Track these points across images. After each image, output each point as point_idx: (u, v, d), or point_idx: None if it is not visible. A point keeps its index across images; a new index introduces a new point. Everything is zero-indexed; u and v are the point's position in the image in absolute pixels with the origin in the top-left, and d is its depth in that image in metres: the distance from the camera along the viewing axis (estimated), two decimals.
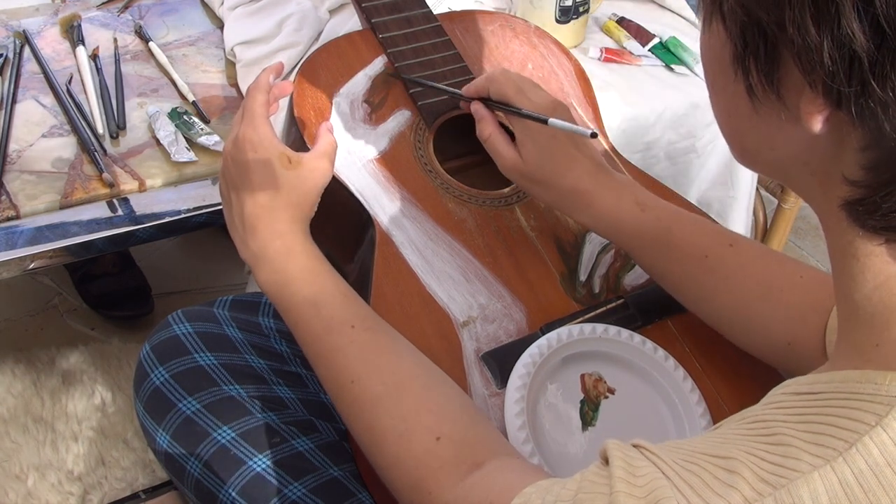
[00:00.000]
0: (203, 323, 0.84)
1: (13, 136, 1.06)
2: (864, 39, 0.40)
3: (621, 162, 0.94)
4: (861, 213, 0.46)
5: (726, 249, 0.76)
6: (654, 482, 0.45)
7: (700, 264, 0.76)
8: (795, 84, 0.44)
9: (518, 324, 0.81)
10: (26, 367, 1.32)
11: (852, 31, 0.40)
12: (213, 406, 0.78)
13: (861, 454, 0.43)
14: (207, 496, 0.77)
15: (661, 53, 1.25)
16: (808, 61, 0.42)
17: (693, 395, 0.77)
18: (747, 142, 0.51)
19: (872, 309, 0.47)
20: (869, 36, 0.40)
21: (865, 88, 0.41)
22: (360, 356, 0.69)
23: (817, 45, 0.41)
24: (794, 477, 0.43)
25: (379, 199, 0.85)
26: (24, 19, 1.25)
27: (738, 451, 0.45)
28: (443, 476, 0.61)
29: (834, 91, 0.42)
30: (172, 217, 1.01)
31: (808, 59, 0.42)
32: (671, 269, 0.78)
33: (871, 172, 0.44)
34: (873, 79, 0.40)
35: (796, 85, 0.44)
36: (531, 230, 0.87)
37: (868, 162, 0.44)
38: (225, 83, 1.19)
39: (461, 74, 0.93)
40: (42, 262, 0.97)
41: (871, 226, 0.46)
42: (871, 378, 0.45)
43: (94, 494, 1.18)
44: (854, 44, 0.40)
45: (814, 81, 0.42)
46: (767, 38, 0.43)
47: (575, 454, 0.75)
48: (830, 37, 0.40)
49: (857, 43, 0.40)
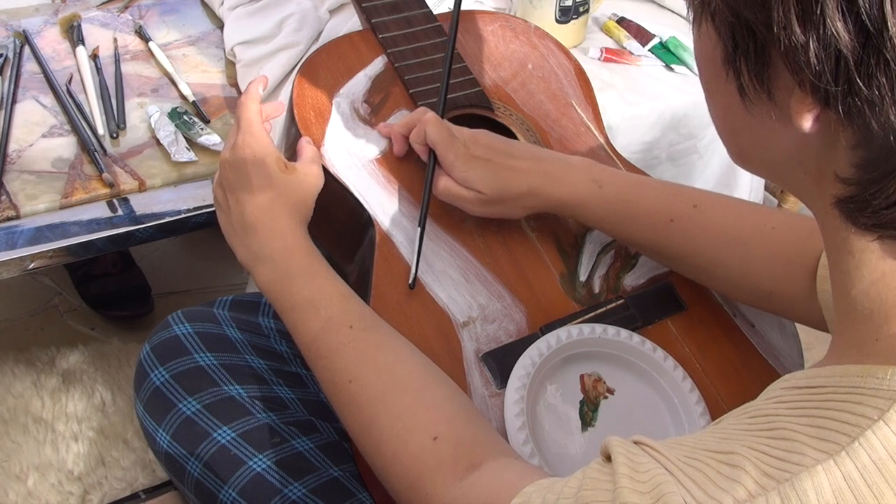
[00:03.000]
0: (203, 323, 0.84)
1: (13, 136, 1.06)
2: (848, 39, 0.40)
3: (621, 162, 0.94)
4: (853, 210, 0.46)
5: (691, 210, 0.78)
6: (657, 477, 0.45)
7: (667, 228, 0.79)
8: (786, 84, 0.44)
9: (518, 324, 0.81)
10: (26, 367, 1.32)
11: (837, 31, 0.40)
12: (214, 406, 0.78)
13: (864, 448, 0.43)
14: (207, 496, 0.77)
15: (661, 53, 1.25)
16: (795, 61, 0.42)
17: (692, 395, 0.77)
18: (742, 142, 0.51)
19: (870, 304, 0.48)
20: (853, 35, 0.40)
21: (852, 87, 0.41)
22: (357, 356, 0.69)
23: (803, 45, 0.41)
24: (798, 471, 0.43)
25: (379, 200, 0.85)
26: (24, 19, 1.25)
27: (740, 445, 0.46)
28: (440, 476, 0.61)
29: (821, 90, 0.42)
30: (172, 217, 1.01)
31: (794, 59, 0.42)
32: (642, 237, 0.81)
33: (861, 170, 0.44)
34: (859, 77, 0.41)
35: (786, 84, 0.44)
36: (531, 230, 0.87)
37: (859, 160, 0.44)
38: (225, 83, 1.19)
39: (461, 74, 0.94)
40: (42, 262, 0.97)
41: (862, 223, 0.46)
42: (872, 372, 0.45)
43: (94, 494, 1.18)
44: (839, 43, 0.40)
45: (802, 81, 0.43)
46: (756, 38, 0.44)
47: (574, 454, 0.75)
48: (816, 37, 0.41)
49: (842, 42, 0.40)
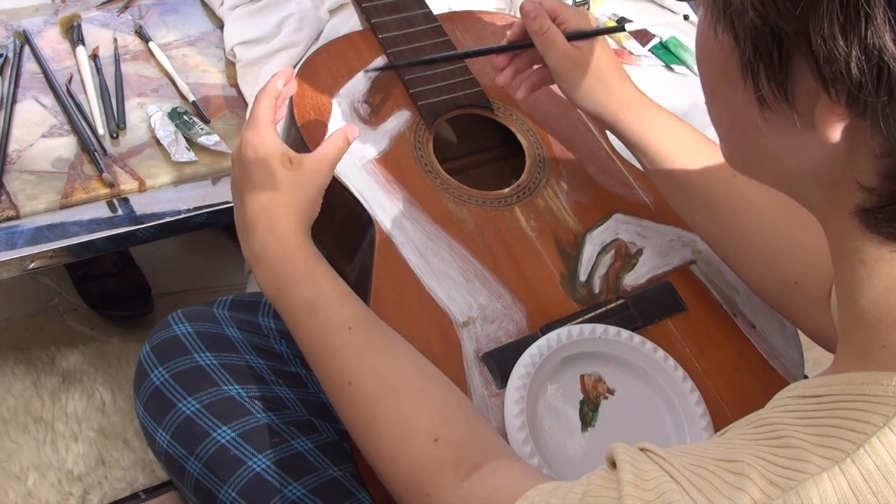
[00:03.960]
0: (203, 323, 0.84)
1: (13, 136, 1.06)
2: (894, 48, 0.39)
3: (621, 162, 0.94)
4: (880, 220, 0.45)
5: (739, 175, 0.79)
6: (662, 485, 0.45)
7: (728, 182, 0.78)
8: (809, 91, 0.43)
9: (518, 324, 0.81)
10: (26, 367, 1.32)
11: (884, 43, 0.39)
12: (213, 406, 0.78)
13: (869, 455, 0.43)
14: (207, 496, 0.77)
15: (661, 53, 1.25)
16: (833, 71, 0.41)
17: (693, 396, 0.77)
18: (751, 150, 0.50)
19: (878, 312, 0.47)
20: None
21: (893, 97, 0.40)
22: (357, 358, 0.69)
23: (844, 54, 0.40)
24: (803, 479, 0.43)
25: (379, 200, 0.85)
26: (24, 19, 1.25)
27: (745, 454, 0.45)
28: (441, 478, 0.61)
29: (860, 101, 0.41)
30: (172, 217, 1.01)
31: (832, 69, 0.41)
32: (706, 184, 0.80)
33: (888, 180, 0.43)
34: None
35: (810, 92, 0.43)
36: (531, 230, 0.87)
37: (885, 169, 0.43)
38: (225, 83, 1.19)
39: (461, 75, 0.94)
40: (42, 262, 0.97)
41: (888, 232, 0.45)
42: (877, 379, 0.45)
43: (94, 494, 1.18)
44: (885, 54, 0.39)
45: (838, 91, 0.41)
46: (782, 45, 0.43)
47: (574, 455, 0.75)
48: (859, 47, 0.39)
49: (888, 52, 0.39)
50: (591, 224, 0.89)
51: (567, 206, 0.90)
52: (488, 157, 1.00)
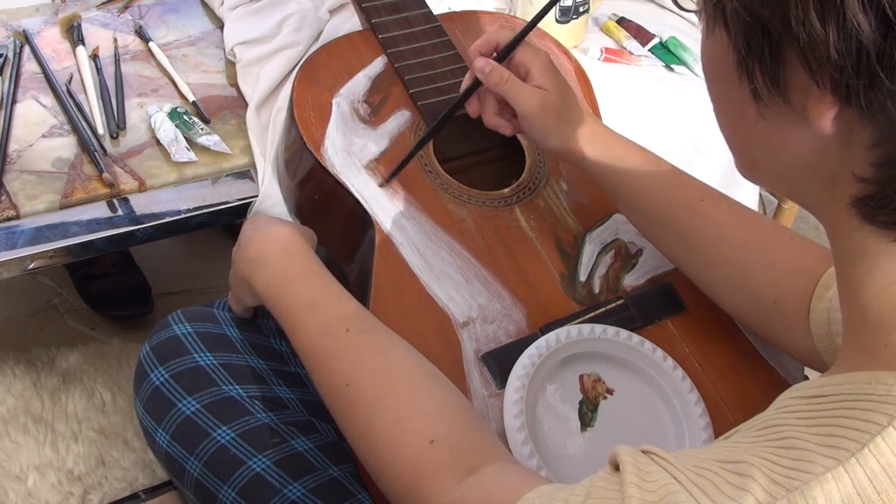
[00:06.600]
0: (203, 323, 0.84)
1: (13, 136, 1.06)
2: (870, 30, 0.40)
3: None
4: (873, 208, 0.45)
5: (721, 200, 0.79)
6: (666, 487, 0.45)
7: (696, 210, 0.78)
8: (801, 85, 0.44)
9: (517, 324, 0.81)
10: (26, 367, 1.32)
11: (858, 23, 0.40)
12: (213, 406, 0.78)
13: (873, 455, 0.43)
14: (207, 496, 0.77)
15: (661, 53, 1.25)
16: (815, 57, 0.42)
17: (692, 396, 0.77)
18: (754, 151, 0.51)
19: (881, 310, 0.47)
20: (875, 27, 0.40)
21: (874, 80, 0.41)
22: (354, 359, 0.69)
23: (823, 39, 0.41)
24: (807, 479, 0.43)
25: (379, 200, 0.85)
26: (24, 19, 1.25)
27: (749, 455, 0.45)
28: (437, 480, 0.60)
29: (843, 86, 0.42)
30: (172, 217, 1.01)
31: (814, 54, 0.41)
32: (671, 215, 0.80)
33: (881, 169, 0.44)
34: (882, 70, 0.40)
35: (802, 86, 0.44)
36: (531, 230, 0.87)
37: (878, 159, 0.44)
38: (225, 83, 1.19)
39: (461, 75, 0.93)
40: (42, 262, 0.97)
41: (881, 221, 0.46)
42: (881, 379, 0.45)
43: (94, 494, 1.18)
44: (861, 35, 0.40)
45: (822, 79, 0.42)
46: (772, 38, 0.43)
47: (574, 455, 0.75)
48: (836, 30, 0.40)
49: (864, 34, 0.40)
50: (591, 224, 0.89)
51: (567, 206, 0.90)
52: (488, 157, 1.00)
